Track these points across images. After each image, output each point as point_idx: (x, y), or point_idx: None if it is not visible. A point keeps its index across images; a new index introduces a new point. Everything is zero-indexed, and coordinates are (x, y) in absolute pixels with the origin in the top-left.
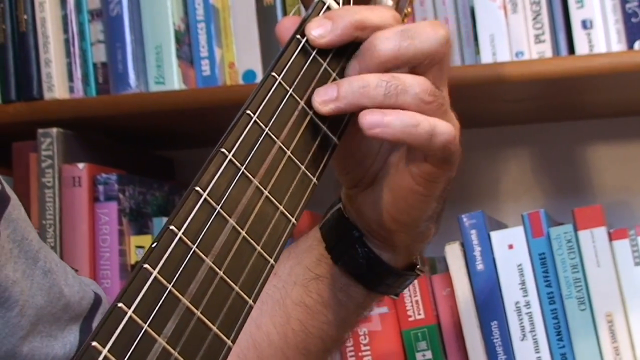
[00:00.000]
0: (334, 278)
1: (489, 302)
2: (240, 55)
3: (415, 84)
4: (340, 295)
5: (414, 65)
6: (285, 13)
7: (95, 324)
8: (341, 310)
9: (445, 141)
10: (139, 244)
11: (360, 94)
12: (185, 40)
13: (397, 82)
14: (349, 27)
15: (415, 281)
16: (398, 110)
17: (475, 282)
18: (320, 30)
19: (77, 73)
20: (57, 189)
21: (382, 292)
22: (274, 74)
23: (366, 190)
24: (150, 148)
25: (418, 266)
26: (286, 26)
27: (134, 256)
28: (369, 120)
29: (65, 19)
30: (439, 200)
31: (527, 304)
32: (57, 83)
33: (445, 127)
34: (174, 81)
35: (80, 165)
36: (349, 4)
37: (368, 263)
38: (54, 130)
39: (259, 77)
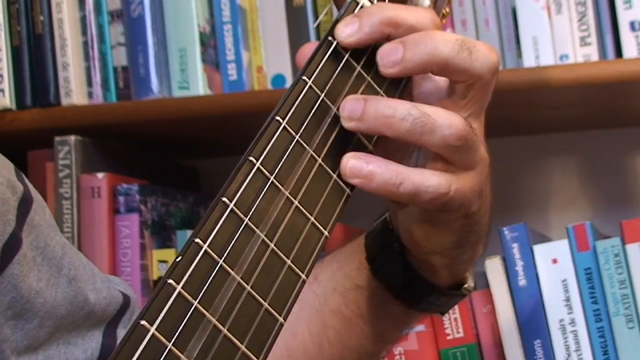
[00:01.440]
0: (373, 290)
1: (532, 320)
2: (269, 59)
3: (445, 126)
4: (378, 310)
5: (459, 81)
6: (315, 14)
7: (119, 328)
8: (379, 325)
9: (431, 199)
10: (161, 259)
11: (383, 122)
12: (210, 43)
13: (426, 121)
14: (379, 24)
15: None
16: (383, 160)
17: (517, 299)
18: (348, 30)
19: (97, 77)
20: (75, 200)
21: (424, 309)
22: (304, 77)
23: (403, 208)
24: (173, 157)
25: (465, 285)
26: (306, 54)
27: (157, 271)
28: (352, 167)
29: (83, 20)
30: (461, 235)
31: (572, 322)
32: (75, 88)
33: (433, 184)
34: (199, 86)
35: (100, 175)
36: (384, 0)
37: (407, 279)
38: (72, 138)
39: (289, 82)
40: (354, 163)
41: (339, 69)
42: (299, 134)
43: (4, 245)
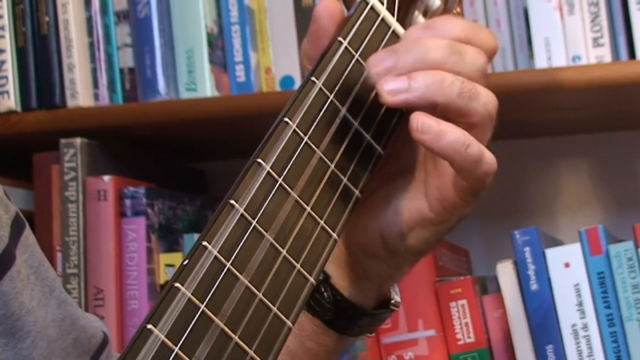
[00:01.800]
0: (301, 326)
1: (544, 325)
2: (277, 60)
3: (484, 94)
4: (309, 344)
5: None
6: None
7: None
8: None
9: (487, 172)
10: (168, 262)
11: (436, 88)
12: (218, 44)
13: (471, 87)
14: (457, 39)
15: (465, 302)
16: (452, 124)
17: (529, 303)
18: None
19: (103, 79)
20: (81, 204)
21: (356, 334)
22: (313, 78)
23: (364, 213)
24: (180, 159)
25: (393, 301)
26: (328, 9)
27: (164, 275)
28: (423, 123)
29: (89, 21)
30: (440, 237)
31: (585, 327)
32: (81, 90)
33: (491, 158)
34: (206, 88)
35: (106, 177)
36: (394, 3)
37: (336, 307)
38: (78, 140)
39: (298, 84)
40: (425, 119)
41: (348, 70)
42: (307, 136)
43: None
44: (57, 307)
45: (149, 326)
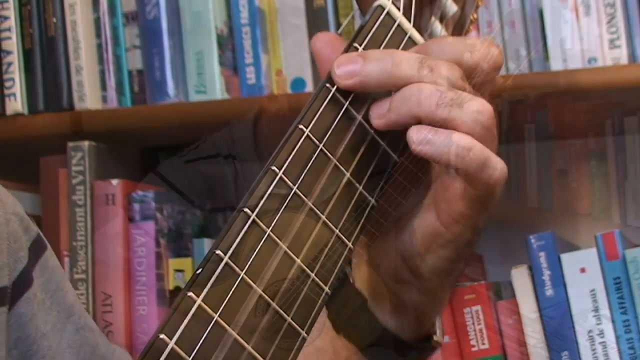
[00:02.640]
0: (336, 351)
1: (559, 331)
2: (289, 62)
3: (474, 103)
4: None
5: None
6: (337, 15)
7: None
8: None
9: (496, 177)
10: (178, 268)
11: (412, 102)
12: (228, 46)
13: (453, 95)
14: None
15: (479, 308)
16: (451, 130)
17: (544, 309)
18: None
19: (111, 81)
20: (88, 208)
21: None
22: (328, 85)
23: (385, 237)
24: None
25: (435, 337)
26: (323, 40)
27: (173, 281)
28: (418, 135)
29: (97, 22)
30: (459, 253)
31: (601, 333)
32: (89, 92)
33: (498, 162)
34: (216, 90)
35: (114, 181)
36: (411, 5)
37: (372, 333)
38: (86, 143)
39: (309, 86)
40: (421, 131)
41: None
42: (322, 143)
43: (14, 281)
44: (74, 332)
45: (162, 336)
